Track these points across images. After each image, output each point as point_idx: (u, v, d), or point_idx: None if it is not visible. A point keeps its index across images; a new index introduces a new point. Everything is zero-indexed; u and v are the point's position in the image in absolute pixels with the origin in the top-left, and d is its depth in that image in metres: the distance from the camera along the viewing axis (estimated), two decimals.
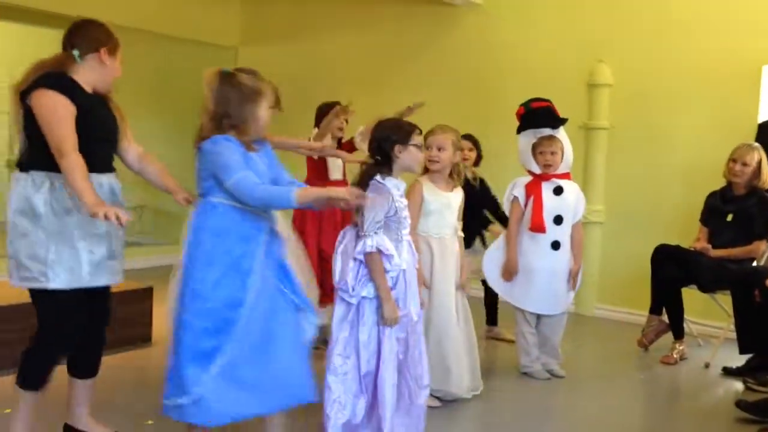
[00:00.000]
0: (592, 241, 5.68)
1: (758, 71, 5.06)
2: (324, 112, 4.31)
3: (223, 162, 2.45)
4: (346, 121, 4.41)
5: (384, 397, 2.77)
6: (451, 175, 3.57)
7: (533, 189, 4.00)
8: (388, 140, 2.84)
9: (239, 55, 7.57)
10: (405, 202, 2.89)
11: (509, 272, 4.03)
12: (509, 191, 4.11)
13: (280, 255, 2.65)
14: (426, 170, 3.55)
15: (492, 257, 4.12)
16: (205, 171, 2.53)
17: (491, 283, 4.16)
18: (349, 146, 4.46)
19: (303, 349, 2.65)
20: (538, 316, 4.09)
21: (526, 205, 4.02)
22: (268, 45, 7.40)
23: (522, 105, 4.13)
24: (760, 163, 4.47)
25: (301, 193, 2.46)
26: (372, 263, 2.77)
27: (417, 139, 2.88)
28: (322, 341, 3.67)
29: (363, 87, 6.67)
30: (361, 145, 4.24)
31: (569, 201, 4.06)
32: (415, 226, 3.50)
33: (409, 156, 2.85)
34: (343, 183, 4.48)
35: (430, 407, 3.45)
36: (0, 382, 3.38)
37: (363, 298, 2.78)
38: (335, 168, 4.46)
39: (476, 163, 4.63)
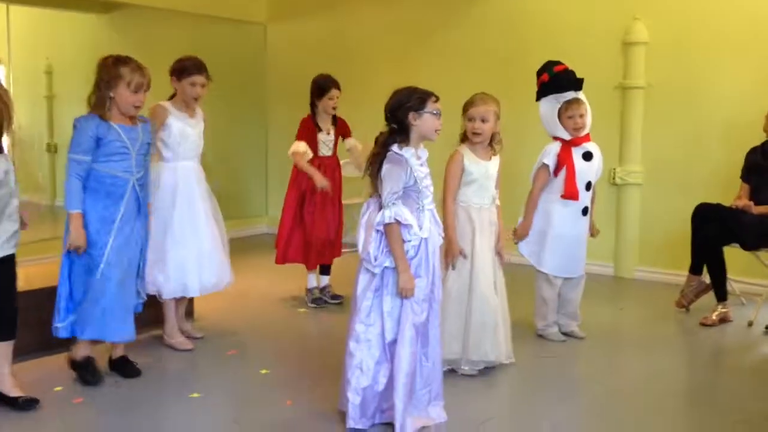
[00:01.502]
0: (630, 202, 5.61)
1: None
2: (318, 85, 4.60)
3: (74, 139, 3.17)
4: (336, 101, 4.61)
5: (400, 363, 2.75)
6: (490, 143, 3.53)
7: (565, 156, 3.93)
8: (401, 108, 2.78)
9: (268, 31, 7.58)
10: (426, 170, 2.84)
11: (520, 235, 4.01)
12: (541, 158, 4.03)
13: (145, 222, 3.37)
14: (466, 139, 3.52)
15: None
16: None
17: (521, 250, 4.11)
18: (344, 126, 4.72)
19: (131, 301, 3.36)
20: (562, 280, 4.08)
21: (557, 172, 3.96)
22: (296, 21, 7.39)
23: (544, 71, 4.01)
24: None
25: (71, 214, 3.15)
26: (390, 234, 2.76)
27: (432, 106, 2.81)
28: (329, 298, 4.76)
29: (391, 60, 6.64)
30: (347, 167, 4.76)
31: (596, 166, 4.03)
32: (454, 196, 3.49)
33: (424, 124, 2.79)
34: (332, 159, 4.70)
35: (467, 375, 3.49)
36: (47, 361, 3.53)
37: (386, 268, 2.78)
38: (324, 144, 4.65)
39: None
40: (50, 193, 6.87)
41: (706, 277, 4.57)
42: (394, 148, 2.79)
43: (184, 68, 3.81)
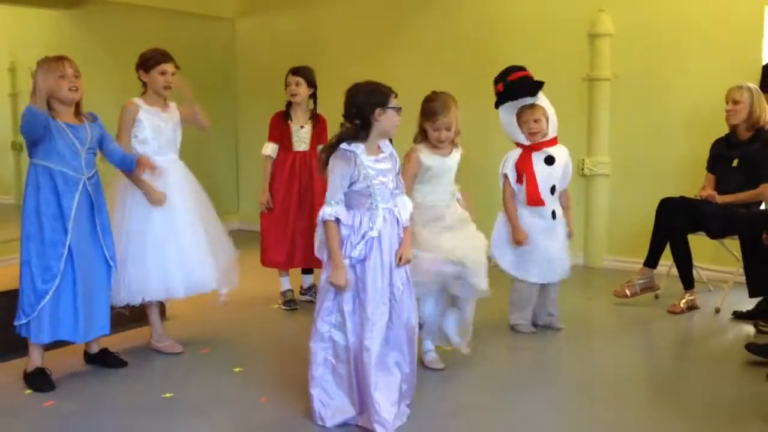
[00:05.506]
0: (598, 193, 5.68)
1: (761, 13, 5.01)
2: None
3: (23, 126, 3.18)
4: (297, 84, 4.51)
5: (369, 366, 2.73)
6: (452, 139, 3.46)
7: (525, 163, 3.97)
8: (367, 104, 2.74)
9: (236, 26, 7.53)
10: (384, 167, 2.79)
11: (519, 241, 4.00)
12: (501, 168, 4.06)
13: (102, 214, 3.37)
14: (424, 138, 3.44)
15: (496, 236, 4.10)
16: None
17: (500, 264, 4.10)
18: (323, 130, 4.59)
19: (107, 293, 3.43)
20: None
21: (520, 180, 3.99)
22: (265, 15, 7.34)
23: (499, 81, 4.03)
24: (752, 101, 4.43)
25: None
26: (326, 230, 2.75)
27: (394, 101, 2.79)
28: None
29: (362, 53, 6.63)
30: None
31: (560, 169, 4.05)
32: (408, 194, 3.34)
33: (388, 120, 2.76)
34: (309, 154, 4.57)
35: (434, 370, 3.49)
36: (14, 365, 3.47)
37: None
38: (299, 139, 4.55)
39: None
40: (15, 193, 6.76)
41: (657, 275, 4.63)
42: (343, 144, 2.76)
43: (150, 58, 3.73)
